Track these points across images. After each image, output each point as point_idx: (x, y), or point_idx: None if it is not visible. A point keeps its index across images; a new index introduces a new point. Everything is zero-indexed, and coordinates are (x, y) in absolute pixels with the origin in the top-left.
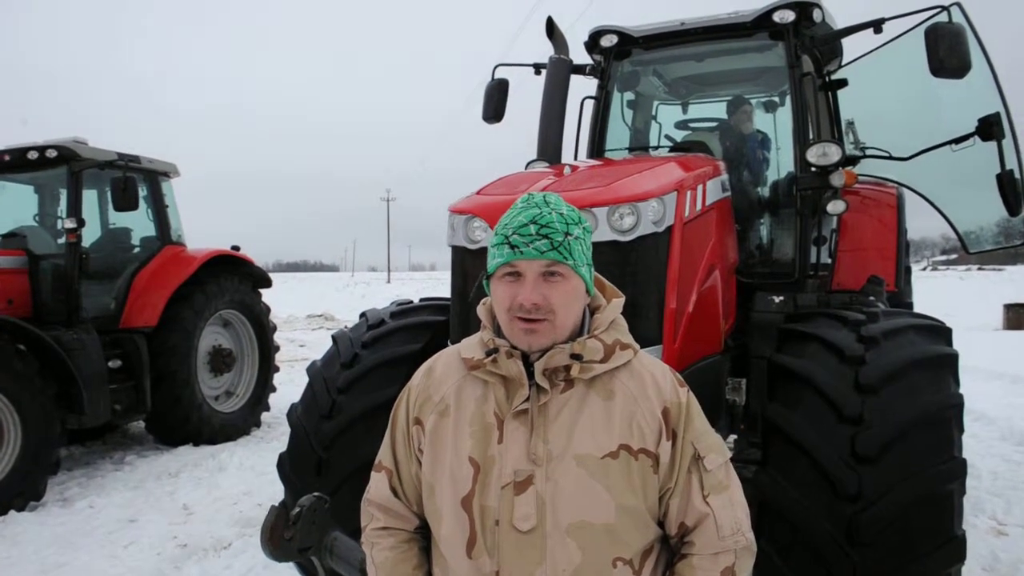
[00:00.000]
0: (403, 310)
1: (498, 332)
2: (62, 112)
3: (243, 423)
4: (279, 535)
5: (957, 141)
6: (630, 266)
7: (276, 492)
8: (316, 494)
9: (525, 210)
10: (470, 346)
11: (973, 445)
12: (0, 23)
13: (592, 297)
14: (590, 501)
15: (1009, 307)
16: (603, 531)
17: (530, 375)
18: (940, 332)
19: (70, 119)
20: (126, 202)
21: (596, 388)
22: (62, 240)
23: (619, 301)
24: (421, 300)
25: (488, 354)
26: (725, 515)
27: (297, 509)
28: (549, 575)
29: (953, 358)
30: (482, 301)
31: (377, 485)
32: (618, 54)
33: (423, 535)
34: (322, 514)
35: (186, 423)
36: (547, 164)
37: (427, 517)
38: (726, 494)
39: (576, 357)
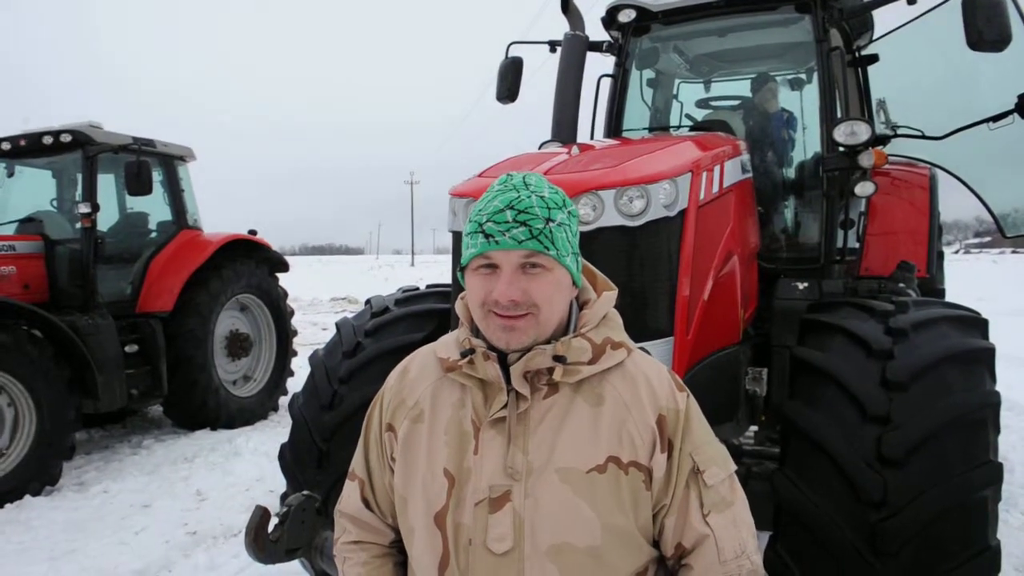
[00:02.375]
0: (408, 297)
1: (476, 331)
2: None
3: (260, 407)
4: (264, 536)
5: (995, 119)
6: (639, 253)
7: None
8: (305, 493)
9: (501, 194)
10: (446, 345)
11: (1006, 436)
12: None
13: (580, 290)
14: (573, 521)
15: None
16: (587, 554)
17: (509, 378)
18: (975, 324)
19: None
20: (140, 186)
21: (583, 393)
22: (79, 225)
23: (611, 294)
24: (428, 287)
25: (464, 355)
26: (727, 536)
27: (284, 509)
28: None
29: (989, 352)
30: (460, 296)
31: (349, 495)
32: (636, 30)
33: (399, 549)
34: (311, 514)
35: (203, 407)
36: (560, 145)
37: (401, 532)
38: (729, 512)
39: (559, 359)
